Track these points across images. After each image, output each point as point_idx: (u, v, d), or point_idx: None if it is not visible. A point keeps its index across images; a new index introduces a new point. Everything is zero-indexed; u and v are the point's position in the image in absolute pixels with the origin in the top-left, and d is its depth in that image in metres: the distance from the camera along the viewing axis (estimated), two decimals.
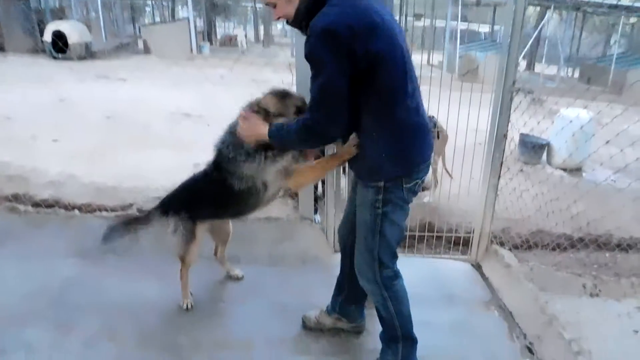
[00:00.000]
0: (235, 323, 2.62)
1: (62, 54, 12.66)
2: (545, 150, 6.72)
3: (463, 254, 3.49)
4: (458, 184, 5.01)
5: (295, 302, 2.74)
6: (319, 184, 4.02)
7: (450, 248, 3.83)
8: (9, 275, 2.85)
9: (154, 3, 28.70)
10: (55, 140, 5.84)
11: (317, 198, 3.79)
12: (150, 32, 17.40)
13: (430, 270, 3.25)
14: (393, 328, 2.18)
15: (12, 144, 5.62)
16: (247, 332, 2.54)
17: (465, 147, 3.61)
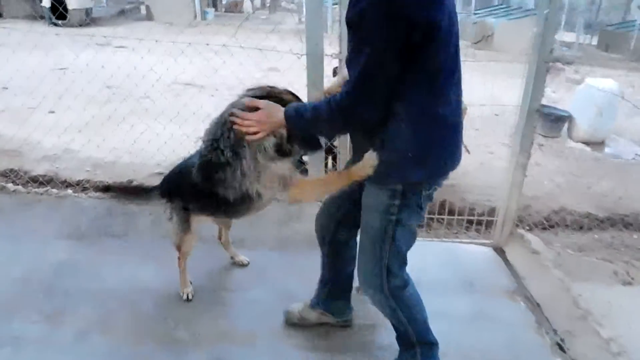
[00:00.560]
0: (238, 313, 2.42)
1: (61, 20, 12.23)
2: (566, 123, 6.37)
3: (484, 237, 3.24)
4: (475, 159, 4.77)
5: (303, 289, 2.49)
6: (329, 161, 3.76)
7: (469, 228, 3.58)
8: None
9: None
10: (52, 112, 5.59)
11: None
12: None
13: (449, 255, 3.02)
14: (407, 335, 1.97)
15: (7, 116, 5.39)
16: (250, 323, 2.34)
17: (482, 118, 3.33)
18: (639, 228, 4.16)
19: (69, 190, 3.35)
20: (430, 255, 2.98)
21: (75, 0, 13.43)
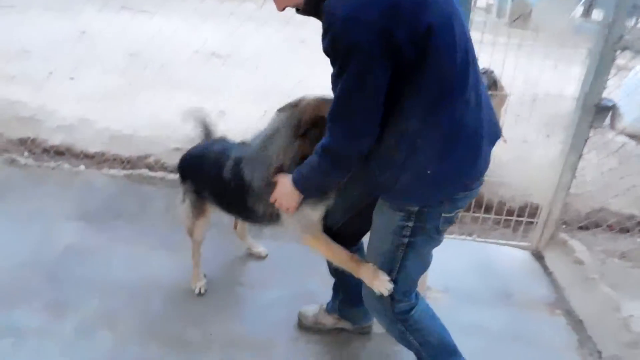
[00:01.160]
0: (254, 315, 2.24)
1: None
2: (610, 113, 5.96)
3: (521, 239, 2.97)
4: (511, 149, 4.45)
5: (325, 290, 2.25)
6: None
7: (505, 226, 3.31)
8: (1, 240, 2.51)
9: None
10: (72, 79, 5.42)
11: None
12: None
13: (482, 258, 2.79)
14: (422, 358, 1.77)
15: (27, 82, 5.24)
16: (267, 326, 2.17)
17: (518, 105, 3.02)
18: None
19: (82, 167, 3.18)
20: (462, 257, 2.76)
21: None
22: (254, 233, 2.65)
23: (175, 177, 2.52)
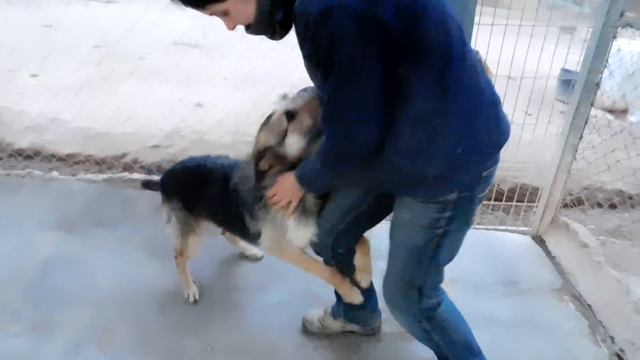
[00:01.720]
0: (255, 320, 2.11)
1: None
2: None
3: (521, 223, 2.90)
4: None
5: (327, 290, 2.08)
6: None
7: (504, 210, 3.25)
8: None
9: None
10: (35, 75, 5.12)
11: None
12: None
13: (484, 246, 2.72)
14: (444, 357, 1.69)
15: None
16: (270, 333, 2.04)
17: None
18: None
19: (55, 173, 2.96)
20: (464, 245, 2.66)
21: None
22: None
23: (157, 178, 2.36)
